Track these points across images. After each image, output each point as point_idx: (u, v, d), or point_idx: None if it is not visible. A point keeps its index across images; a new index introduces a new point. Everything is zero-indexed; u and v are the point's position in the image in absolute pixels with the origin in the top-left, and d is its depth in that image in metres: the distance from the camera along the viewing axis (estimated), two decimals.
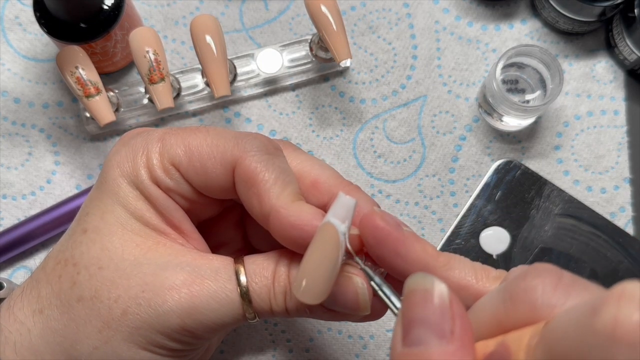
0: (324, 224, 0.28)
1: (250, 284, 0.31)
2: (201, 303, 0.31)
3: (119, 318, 0.31)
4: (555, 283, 0.23)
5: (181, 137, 0.33)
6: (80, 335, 0.31)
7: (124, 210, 0.32)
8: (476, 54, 0.49)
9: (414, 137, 0.48)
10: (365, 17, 0.50)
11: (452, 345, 0.23)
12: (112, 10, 0.44)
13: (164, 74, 0.42)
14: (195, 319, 0.31)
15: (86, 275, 0.31)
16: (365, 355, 0.46)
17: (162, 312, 0.30)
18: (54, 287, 0.32)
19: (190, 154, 0.32)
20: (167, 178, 0.32)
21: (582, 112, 0.48)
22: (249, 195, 0.31)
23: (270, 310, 0.32)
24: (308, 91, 0.49)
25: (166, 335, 0.31)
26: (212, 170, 0.32)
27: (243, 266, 0.32)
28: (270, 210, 0.30)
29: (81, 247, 0.32)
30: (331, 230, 0.28)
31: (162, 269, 0.31)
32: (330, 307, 0.31)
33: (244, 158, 0.31)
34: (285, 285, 0.31)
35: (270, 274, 0.31)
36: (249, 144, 0.32)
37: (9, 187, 0.47)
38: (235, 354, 0.46)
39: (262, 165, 0.31)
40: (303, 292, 0.28)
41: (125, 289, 0.31)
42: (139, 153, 0.33)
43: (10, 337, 0.31)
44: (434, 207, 0.47)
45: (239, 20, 0.50)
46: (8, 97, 0.48)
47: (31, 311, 0.32)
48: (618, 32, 0.47)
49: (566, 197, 0.46)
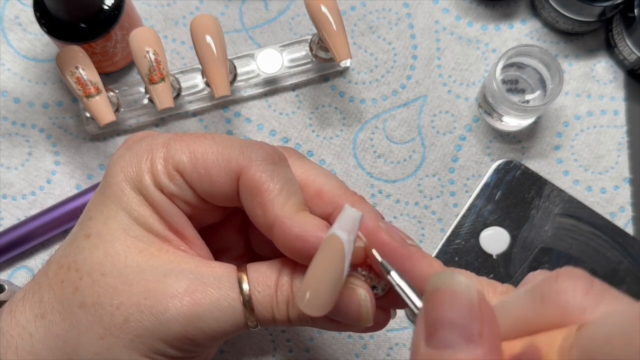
0: (329, 236, 0.28)
1: (253, 293, 0.31)
2: (203, 311, 0.30)
3: (121, 325, 0.30)
4: (587, 288, 0.23)
5: (186, 143, 0.32)
6: (81, 342, 0.31)
7: (127, 215, 0.32)
8: (476, 54, 0.49)
9: (414, 137, 0.48)
10: (365, 17, 0.50)
11: (481, 349, 0.23)
12: (112, 10, 0.44)
13: (164, 74, 0.42)
14: (197, 327, 0.30)
15: (89, 281, 0.31)
16: (365, 355, 0.46)
17: (164, 320, 0.30)
18: (56, 292, 0.32)
19: (195, 160, 0.32)
20: (171, 184, 0.32)
21: (582, 112, 0.48)
22: (253, 205, 0.31)
23: (273, 319, 0.32)
24: (308, 91, 0.49)
25: (167, 343, 0.31)
26: (216, 178, 0.32)
27: (246, 274, 0.32)
28: (275, 221, 0.30)
29: (84, 253, 0.32)
30: (337, 243, 0.28)
31: (165, 276, 0.31)
32: (333, 317, 0.31)
33: (249, 167, 0.31)
34: (287, 295, 0.31)
35: (273, 283, 0.31)
36: (255, 153, 0.32)
37: (9, 187, 0.47)
38: (235, 354, 0.46)
39: (266, 175, 0.31)
40: (307, 303, 0.28)
41: (127, 296, 0.31)
42: (144, 158, 0.32)
43: (12, 341, 0.31)
44: (434, 207, 0.47)
45: (239, 20, 0.50)
46: (8, 97, 0.48)
47: (33, 315, 0.32)
48: (618, 32, 0.47)
49: (566, 197, 0.46)
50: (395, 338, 0.46)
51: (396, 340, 0.46)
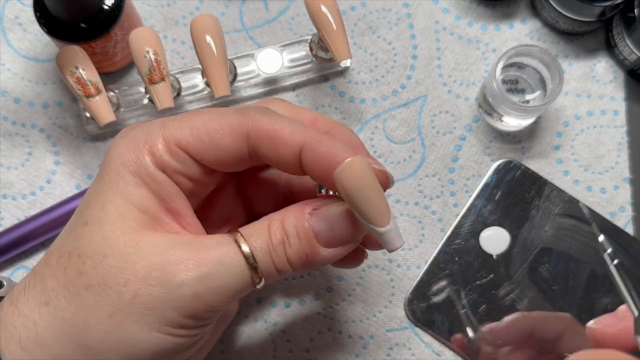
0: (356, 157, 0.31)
1: (250, 243, 0.32)
2: (209, 270, 0.31)
3: (130, 301, 0.31)
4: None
5: (184, 120, 0.34)
6: (90, 322, 0.31)
7: (124, 199, 0.33)
8: (476, 54, 0.49)
9: (414, 137, 0.48)
10: (365, 17, 0.50)
11: None
12: (112, 10, 0.44)
13: (164, 74, 0.42)
14: (206, 286, 0.31)
15: (91, 264, 0.32)
16: (365, 355, 0.46)
17: (174, 286, 0.31)
18: (60, 279, 0.32)
19: (197, 132, 0.33)
20: (174, 161, 0.33)
21: (582, 112, 0.48)
22: (275, 146, 0.33)
23: (275, 267, 0.33)
24: (308, 91, 0.49)
25: (179, 310, 0.31)
26: (222, 142, 0.33)
27: (239, 233, 0.33)
28: (303, 145, 0.32)
29: (84, 239, 0.32)
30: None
31: (166, 249, 0.32)
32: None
33: (254, 121, 0.33)
34: (281, 236, 0.33)
35: (265, 231, 0.33)
36: (253, 110, 0.34)
37: (9, 187, 0.47)
38: (235, 354, 0.46)
39: (273, 119, 0.33)
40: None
41: (132, 272, 0.31)
42: (141, 142, 0.33)
43: (14, 332, 0.32)
44: (434, 207, 0.47)
45: (239, 20, 0.50)
46: (8, 97, 0.48)
47: (36, 304, 0.32)
48: (618, 32, 0.47)
49: (566, 197, 0.46)
50: (395, 338, 0.46)
51: (396, 340, 0.46)
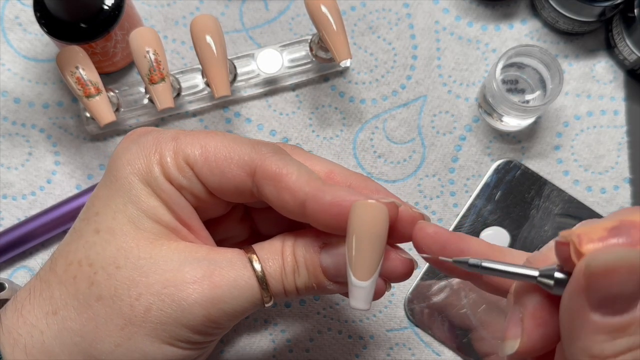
0: (365, 201, 0.30)
1: (265, 268, 0.32)
2: (223, 292, 0.32)
3: (142, 315, 0.31)
4: None
5: (197, 138, 0.33)
6: (100, 334, 0.31)
7: (136, 208, 0.33)
8: (476, 54, 0.49)
9: (414, 137, 0.48)
10: (365, 17, 0.50)
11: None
12: (112, 10, 0.44)
13: (164, 74, 0.42)
14: (219, 308, 0.32)
15: (104, 275, 0.31)
16: (365, 355, 0.46)
17: (186, 306, 0.31)
18: (69, 288, 0.32)
19: (207, 154, 0.33)
20: (181, 176, 0.33)
21: (582, 112, 0.48)
22: (279, 190, 0.32)
23: (284, 290, 0.33)
24: (308, 91, 0.49)
25: (190, 328, 0.32)
26: (228, 172, 0.33)
27: (254, 253, 0.33)
28: (306, 196, 0.31)
29: (95, 248, 0.32)
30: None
31: (180, 265, 0.32)
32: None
33: (263, 160, 0.32)
34: (292, 264, 0.33)
35: (279, 256, 0.33)
36: (265, 148, 0.33)
37: (9, 187, 0.47)
38: (236, 354, 0.46)
39: (282, 162, 0.32)
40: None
41: (145, 286, 0.31)
42: (152, 151, 0.33)
43: (20, 339, 0.31)
44: (434, 207, 0.47)
45: (239, 20, 0.50)
46: (8, 97, 0.48)
47: (43, 313, 0.32)
48: (618, 32, 0.47)
49: (566, 197, 0.46)
50: (395, 338, 0.46)
51: (396, 340, 0.46)
